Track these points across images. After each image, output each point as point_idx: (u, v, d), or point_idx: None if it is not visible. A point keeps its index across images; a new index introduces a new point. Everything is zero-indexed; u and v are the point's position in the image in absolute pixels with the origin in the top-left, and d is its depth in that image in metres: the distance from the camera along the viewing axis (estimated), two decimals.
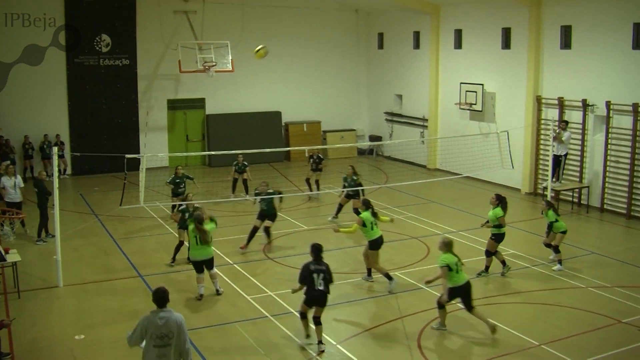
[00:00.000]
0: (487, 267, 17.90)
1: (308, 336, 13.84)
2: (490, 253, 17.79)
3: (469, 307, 14.11)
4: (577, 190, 25.11)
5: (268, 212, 20.23)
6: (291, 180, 29.33)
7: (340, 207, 23.32)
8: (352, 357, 13.29)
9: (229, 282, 17.40)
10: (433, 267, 18.07)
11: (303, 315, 13.82)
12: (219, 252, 19.45)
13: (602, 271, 18.13)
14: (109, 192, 27.24)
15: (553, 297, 16.32)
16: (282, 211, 23.97)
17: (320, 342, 13.48)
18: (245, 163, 26.08)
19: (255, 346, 13.65)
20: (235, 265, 18.76)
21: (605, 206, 24.41)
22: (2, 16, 29.70)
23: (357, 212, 17.47)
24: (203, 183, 25.79)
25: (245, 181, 26.22)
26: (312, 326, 13.66)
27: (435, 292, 16.46)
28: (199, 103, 34.38)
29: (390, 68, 36.18)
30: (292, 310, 15.46)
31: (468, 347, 13.65)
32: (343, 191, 23.22)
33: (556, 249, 18.42)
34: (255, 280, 17.49)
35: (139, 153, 27.25)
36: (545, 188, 24.55)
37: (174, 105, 33.84)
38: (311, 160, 26.86)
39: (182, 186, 23.02)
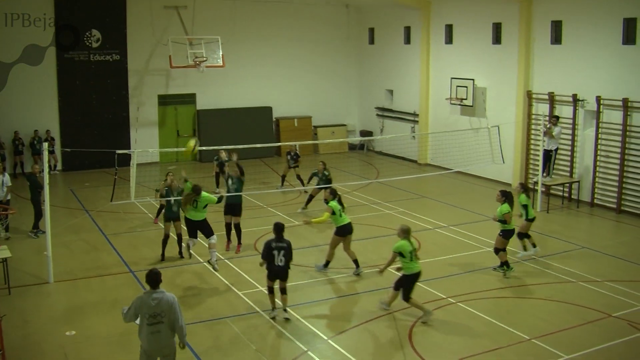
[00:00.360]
0: (502, 263, 17.52)
1: (274, 309, 14.79)
2: (498, 250, 17.57)
3: (407, 297, 14.56)
4: (567, 185, 25.17)
5: (236, 201, 19.74)
6: (287, 178, 29.33)
7: (310, 198, 23.70)
8: (343, 352, 13.30)
9: (220, 277, 17.39)
10: (424, 262, 18.12)
11: (270, 290, 14.79)
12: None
13: (592, 265, 18.20)
14: (100, 188, 27.19)
15: (543, 291, 16.37)
16: (272, 206, 24.04)
17: (285, 310, 14.80)
18: (226, 159, 25.69)
19: (247, 341, 13.65)
20: (226, 260, 18.74)
21: (595, 201, 24.49)
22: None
23: (327, 202, 17.61)
24: (193, 179, 25.66)
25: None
26: (279, 302, 14.89)
27: (427, 287, 16.51)
28: (190, 98, 34.32)
29: (381, 63, 36.19)
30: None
31: (459, 341, 13.68)
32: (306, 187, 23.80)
33: (527, 235, 18.80)
34: (246, 276, 17.48)
35: (129, 148, 27.27)
36: (535, 183, 24.63)
37: (165, 100, 33.78)
38: (288, 156, 26.91)
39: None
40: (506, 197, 17.64)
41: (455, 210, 24.07)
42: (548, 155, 24.44)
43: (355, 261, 17.64)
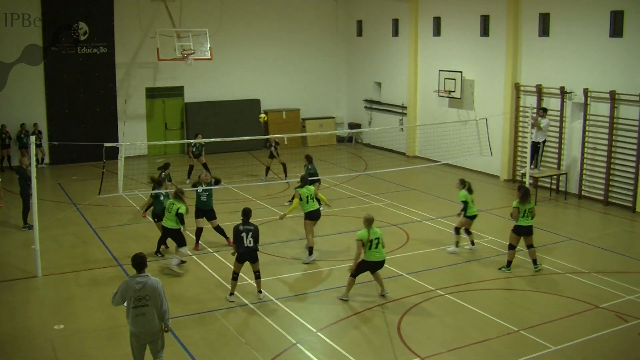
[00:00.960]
0: (509, 262, 17.35)
1: (232, 294, 15.43)
2: (511, 246, 17.34)
3: (354, 273, 15.23)
4: (555, 177, 25.25)
5: (206, 207, 19.38)
6: (270, 169, 29.29)
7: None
8: (332, 344, 13.33)
9: (209, 270, 17.39)
10: (412, 254, 18.19)
11: (235, 276, 15.34)
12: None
13: (579, 257, 18.29)
14: (88, 181, 27.10)
15: (531, 283, 16.44)
16: (259, 199, 24.04)
17: (259, 292, 15.54)
18: (203, 143, 25.99)
19: (236, 334, 13.66)
20: (214, 253, 18.74)
21: (582, 193, 24.58)
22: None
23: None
24: (180, 171, 25.70)
25: (205, 164, 26.30)
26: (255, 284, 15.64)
27: (416, 279, 16.57)
28: (178, 91, 34.24)
29: (369, 55, 36.19)
30: (272, 299, 15.51)
31: (447, 333, 13.72)
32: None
33: (467, 231, 18.87)
34: (232, 267, 17.45)
35: (117, 142, 27.15)
36: (523, 175, 24.71)
37: (153, 93, 33.69)
38: (271, 147, 26.99)
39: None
40: (520, 192, 17.40)
41: (443, 203, 24.11)
42: (536, 147, 24.51)
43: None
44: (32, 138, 16.92)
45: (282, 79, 36.46)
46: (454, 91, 29.68)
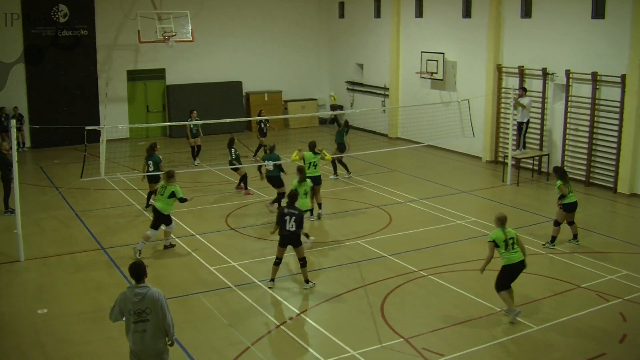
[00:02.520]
0: (553, 238, 17.72)
1: (272, 280, 15.23)
2: (557, 222, 17.65)
3: (499, 287, 13.59)
4: (537, 158, 25.35)
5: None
6: (252, 150, 29.21)
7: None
8: (315, 325, 13.38)
9: (192, 252, 17.38)
10: (395, 235, 18.23)
11: (277, 262, 15.19)
12: (181, 223, 19.41)
13: (561, 237, 18.37)
14: (70, 165, 26.96)
15: None
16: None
17: (307, 281, 15.19)
18: (198, 118, 26.30)
19: (219, 316, 13.68)
20: (197, 235, 18.73)
21: None
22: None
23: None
24: (164, 154, 25.55)
25: (199, 147, 26.34)
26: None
27: (399, 260, 16.62)
28: (159, 74, 34.06)
29: (351, 37, 36.11)
30: (255, 280, 15.53)
31: (431, 313, 13.79)
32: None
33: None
34: (217, 251, 17.48)
35: (98, 125, 26.97)
36: (506, 156, 24.79)
37: (134, 76, 33.49)
38: (261, 124, 27.23)
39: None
40: (557, 173, 17.96)
41: (425, 184, 24.18)
42: (520, 128, 24.57)
43: (320, 204, 20.25)
44: (13, 122, 16.76)
45: (264, 61, 36.31)
46: (436, 73, 29.68)
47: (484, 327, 13.17)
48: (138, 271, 9.75)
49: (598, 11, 23.11)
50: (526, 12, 25.80)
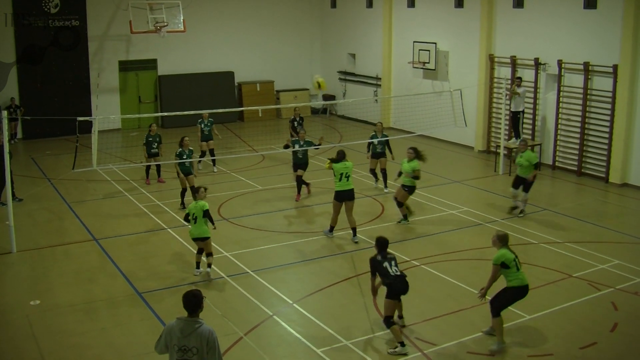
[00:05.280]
0: (405, 216, 18.74)
1: (402, 344, 12.08)
2: (401, 204, 18.52)
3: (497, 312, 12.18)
4: (529, 147, 25.32)
5: (302, 162, 20.96)
6: (245, 140, 29.22)
7: (372, 171, 22.47)
8: (308, 315, 13.40)
9: (185, 243, 17.36)
10: (388, 225, 18.24)
11: (390, 322, 12.19)
12: (174, 214, 19.41)
13: (553, 227, 18.45)
14: (61, 156, 26.90)
15: None
16: (235, 172, 24.02)
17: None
18: (211, 119, 24.99)
19: (212, 307, 13.68)
20: (190, 226, 18.69)
21: (557, 164, 24.74)
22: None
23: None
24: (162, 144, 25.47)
25: (211, 150, 25.19)
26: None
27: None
28: (151, 64, 33.97)
29: (344, 27, 36.06)
30: (248, 271, 15.56)
31: (423, 303, 13.83)
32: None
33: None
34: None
35: (90, 115, 26.94)
36: (498, 146, 24.82)
37: (126, 66, 33.40)
38: (295, 123, 25.30)
39: (154, 146, 22.82)
40: (417, 154, 18.38)
41: None
42: (516, 118, 24.57)
43: (354, 229, 17.52)
44: (5, 113, 16.61)
45: (256, 50, 36.25)
46: (428, 62, 29.68)
47: (476, 317, 13.20)
48: (193, 302, 8.34)
49: (590, 1, 23.12)
50: (518, 2, 25.79)
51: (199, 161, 23.99)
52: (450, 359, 11.75)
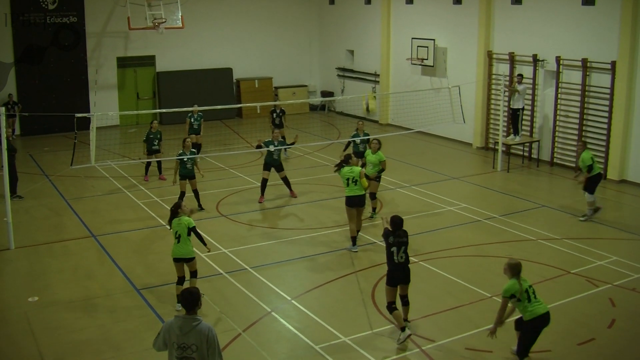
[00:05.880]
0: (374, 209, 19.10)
1: (404, 329, 12.19)
2: (374, 195, 18.96)
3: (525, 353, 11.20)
4: (527, 144, 25.39)
5: (276, 162, 20.64)
6: (243, 137, 29.22)
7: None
8: (306, 312, 13.41)
9: None
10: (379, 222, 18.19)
11: (392, 307, 12.21)
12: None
13: (551, 224, 18.45)
14: (60, 152, 26.89)
15: (504, 249, 16.57)
16: (233, 168, 24.02)
17: (405, 320, 12.50)
18: (201, 114, 25.09)
19: (211, 303, 13.68)
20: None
21: (555, 160, 24.75)
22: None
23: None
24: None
25: (199, 145, 25.34)
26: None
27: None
28: (149, 60, 33.94)
29: (342, 23, 36.04)
30: (247, 267, 15.56)
31: (421, 300, 13.82)
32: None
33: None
34: (209, 238, 17.44)
35: (88, 112, 26.88)
36: (496, 143, 24.82)
37: (124, 63, 33.37)
38: (274, 115, 25.64)
39: (155, 143, 22.79)
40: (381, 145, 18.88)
41: (416, 170, 24.20)
42: (516, 115, 24.57)
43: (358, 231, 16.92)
44: (2, 109, 16.55)
45: (255, 47, 36.23)
46: (426, 59, 29.67)
47: (474, 313, 13.23)
48: (190, 299, 8.32)
49: None
50: None
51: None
52: (449, 356, 11.76)
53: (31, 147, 28.48)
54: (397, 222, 12.37)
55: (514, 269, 11.04)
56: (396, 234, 12.31)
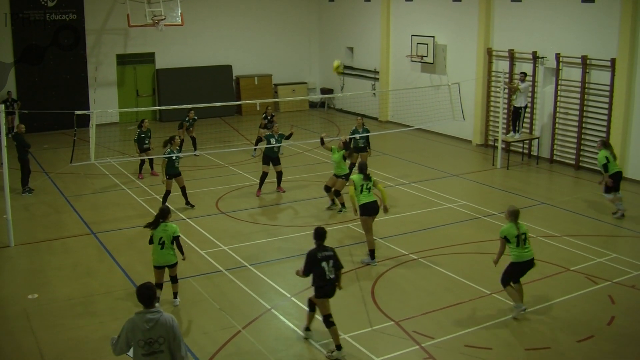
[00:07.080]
0: (342, 203, 19.23)
1: (308, 329, 12.45)
2: (338, 192, 19.13)
3: (506, 282, 13.03)
4: (527, 141, 25.38)
5: (275, 155, 20.73)
6: (243, 134, 29.21)
7: (352, 166, 21.38)
8: (306, 309, 13.37)
9: (182, 237, 17.34)
10: (386, 218, 18.22)
11: (330, 322, 11.75)
12: (172, 207, 19.36)
13: (551, 221, 18.46)
14: (59, 150, 26.88)
15: None
16: (233, 165, 24.02)
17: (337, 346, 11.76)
18: (195, 118, 25.41)
19: (210, 300, 13.69)
20: (188, 220, 18.71)
21: (554, 157, 24.75)
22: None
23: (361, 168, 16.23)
24: (154, 138, 25.37)
25: (193, 138, 25.60)
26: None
27: (389, 244, 16.65)
28: (149, 58, 33.92)
29: (342, 20, 36.02)
30: (246, 264, 15.56)
31: (421, 297, 13.84)
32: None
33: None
34: (208, 235, 17.48)
35: (88, 109, 26.90)
36: (496, 140, 24.82)
37: (123, 60, 33.35)
38: (265, 120, 25.54)
39: (147, 142, 22.79)
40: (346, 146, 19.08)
41: (416, 167, 24.20)
42: (517, 113, 24.56)
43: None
44: (2, 107, 16.50)
45: (254, 44, 36.20)
46: (426, 56, 29.65)
47: (473, 310, 13.23)
48: (148, 294, 8.33)
49: None
50: None
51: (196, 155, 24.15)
52: (449, 353, 11.76)
53: (31, 144, 28.36)
54: (320, 233, 11.85)
55: (512, 215, 12.81)
56: (322, 248, 11.77)
